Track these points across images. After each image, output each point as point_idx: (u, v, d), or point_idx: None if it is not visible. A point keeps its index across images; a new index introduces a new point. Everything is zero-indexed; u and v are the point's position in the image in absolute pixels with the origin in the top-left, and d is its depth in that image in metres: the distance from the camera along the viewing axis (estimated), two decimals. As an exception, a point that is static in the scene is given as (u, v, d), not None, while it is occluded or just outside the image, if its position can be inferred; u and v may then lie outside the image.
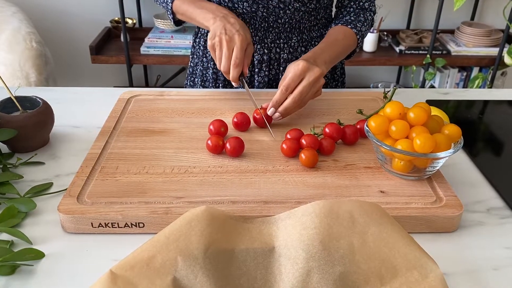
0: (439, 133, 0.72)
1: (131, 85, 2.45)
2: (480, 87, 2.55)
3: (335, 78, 1.22)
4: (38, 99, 0.87)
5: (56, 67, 2.37)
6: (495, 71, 2.46)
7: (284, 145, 0.81)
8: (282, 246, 0.59)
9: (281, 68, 1.13)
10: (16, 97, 0.85)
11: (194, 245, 0.56)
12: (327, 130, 0.84)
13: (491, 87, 2.51)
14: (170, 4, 1.06)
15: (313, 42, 1.14)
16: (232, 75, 0.94)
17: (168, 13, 1.09)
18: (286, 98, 0.89)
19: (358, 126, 0.87)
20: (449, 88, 2.66)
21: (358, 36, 1.07)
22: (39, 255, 0.63)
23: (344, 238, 0.58)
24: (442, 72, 2.62)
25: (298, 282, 0.55)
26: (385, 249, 0.58)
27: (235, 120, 0.90)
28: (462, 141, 0.73)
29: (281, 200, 0.71)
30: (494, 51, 2.47)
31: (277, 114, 0.90)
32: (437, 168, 0.74)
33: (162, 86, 2.66)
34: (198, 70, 1.21)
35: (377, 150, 0.77)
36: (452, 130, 0.73)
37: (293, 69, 0.89)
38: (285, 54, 1.12)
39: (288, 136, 0.84)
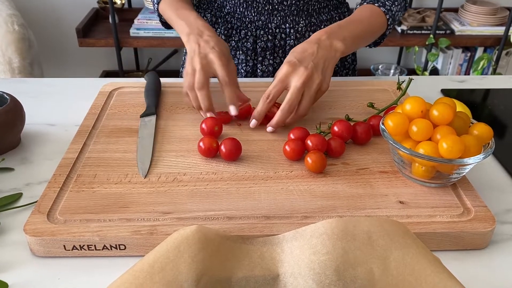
0: (467, 135, 0.62)
1: (121, 69, 2.34)
2: (484, 69, 2.44)
3: (345, 66, 1.11)
4: (5, 95, 0.76)
5: (41, 51, 2.27)
6: (501, 51, 2.36)
7: (287, 147, 0.70)
8: (288, 274, 0.50)
9: (287, 56, 1.02)
10: (-20, 93, 0.75)
11: (183, 276, 0.48)
12: (335, 128, 0.73)
13: (496, 68, 2.41)
14: (156, 5, 0.97)
15: (322, 26, 1.02)
16: (230, 99, 0.78)
17: (156, 14, 1.01)
18: (268, 107, 0.77)
19: (371, 123, 0.76)
20: (452, 69, 2.55)
21: (387, 16, 0.91)
22: (1, 287, 0.54)
23: (362, 265, 0.49)
24: (445, 52, 2.51)
25: (309, 323, 0.46)
26: (410, 278, 0.49)
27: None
28: (494, 143, 0.63)
29: (285, 214, 0.61)
30: (499, 30, 2.37)
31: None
32: (463, 174, 0.65)
33: (154, 69, 2.56)
34: None
35: (394, 153, 0.67)
36: (482, 130, 0.63)
37: (278, 74, 0.77)
38: (292, 40, 1.01)
39: (292, 136, 0.73)
